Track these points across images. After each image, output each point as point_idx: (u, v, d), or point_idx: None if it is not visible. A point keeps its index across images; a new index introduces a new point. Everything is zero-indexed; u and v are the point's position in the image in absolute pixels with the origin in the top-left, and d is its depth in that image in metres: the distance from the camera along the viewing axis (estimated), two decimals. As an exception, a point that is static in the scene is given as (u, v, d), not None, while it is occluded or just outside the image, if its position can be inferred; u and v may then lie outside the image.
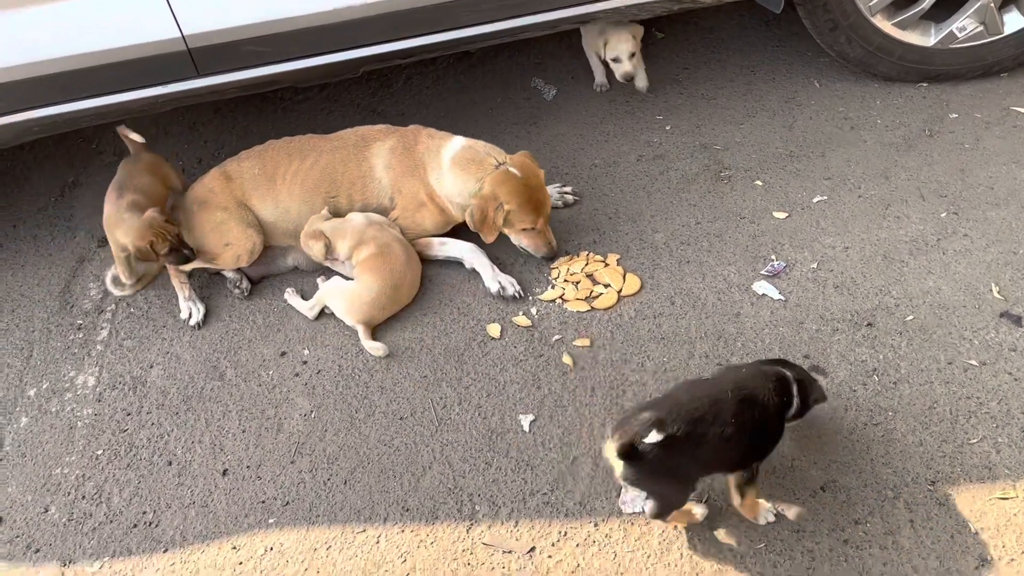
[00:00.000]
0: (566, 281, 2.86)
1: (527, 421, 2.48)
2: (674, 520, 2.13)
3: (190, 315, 2.94)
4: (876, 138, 3.23)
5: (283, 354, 2.80)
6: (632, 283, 2.82)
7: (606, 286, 2.82)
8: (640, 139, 3.40)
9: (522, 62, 3.91)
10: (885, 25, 3.18)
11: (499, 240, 2.88)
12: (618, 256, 2.92)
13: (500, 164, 2.81)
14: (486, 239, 2.85)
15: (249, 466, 2.49)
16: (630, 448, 1.87)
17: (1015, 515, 2.09)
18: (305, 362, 2.77)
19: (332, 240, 2.84)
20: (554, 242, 2.90)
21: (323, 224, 2.86)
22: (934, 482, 2.17)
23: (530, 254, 2.92)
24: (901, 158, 3.13)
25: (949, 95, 3.35)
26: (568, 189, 3.18)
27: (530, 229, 2.84)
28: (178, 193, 3.09)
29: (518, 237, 2.89)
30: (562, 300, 2.81)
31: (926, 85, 3.40)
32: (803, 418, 2.14)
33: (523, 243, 2.90)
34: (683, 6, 3.14)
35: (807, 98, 3.46)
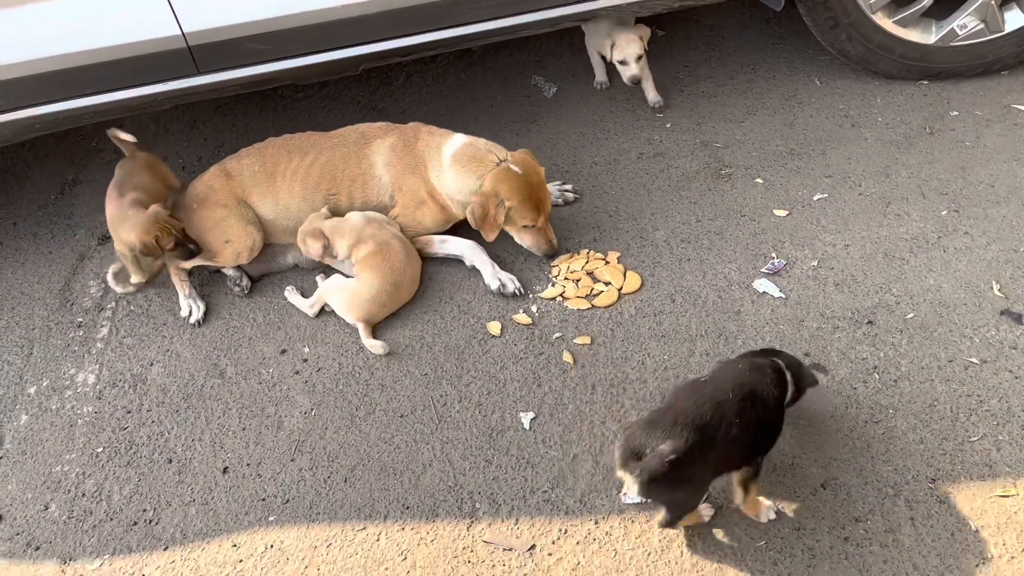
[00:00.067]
0: (566, 279, 2.86)
1: (527, 419, 2.48)
2: (683, 523, 2.13)
3: (190, 313, 2.94)
4: (877, 136, 3.23)
5: (283, 352, 2.80)
6: (632, 281, 2.81)
7: (606, 284, 2.82)
8: (640, 137, 3.40)
9: (523, 60, 3.91)
10: (886, 23, 3.17)
11: (499, 238, 2.88)
12: (618, 254, 2.92)
13: (501, 161, 2.81)
14: (487, 237, 2.85)
15: (249, 464, 2.49)
16: (650, 484, 1.90)
17: (1015, 513, 2.09)
18: (305, 360, 2.77)
19: (331, 239, 2.84)
20: (555, 240, 2.90)
21: (322, 223, 2.86)
22: (934, 480, 2.17)
23: (531, 252, 2.92)
24: (902, 156, 3.13)
25: (950, 93, 3.34)
26: (568, 187, 3.17)
27: (531, 226, 2.84)
28: (177, 191, 3.09)
29: (519, 234, 2.89)
30: (562, 298, 2.81)
31: (927, 83, 3.40)
32: (797, 403, 2.14)
33: (524, 241, 2.89)
34: (684, 4, 3.14)
35: (808, 96, 3.46)
